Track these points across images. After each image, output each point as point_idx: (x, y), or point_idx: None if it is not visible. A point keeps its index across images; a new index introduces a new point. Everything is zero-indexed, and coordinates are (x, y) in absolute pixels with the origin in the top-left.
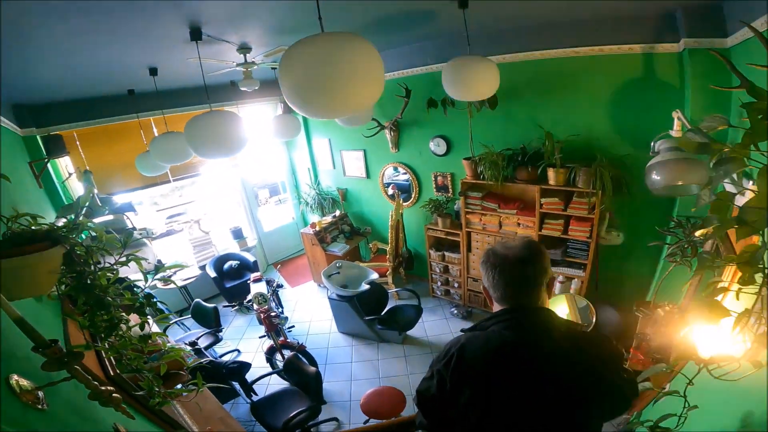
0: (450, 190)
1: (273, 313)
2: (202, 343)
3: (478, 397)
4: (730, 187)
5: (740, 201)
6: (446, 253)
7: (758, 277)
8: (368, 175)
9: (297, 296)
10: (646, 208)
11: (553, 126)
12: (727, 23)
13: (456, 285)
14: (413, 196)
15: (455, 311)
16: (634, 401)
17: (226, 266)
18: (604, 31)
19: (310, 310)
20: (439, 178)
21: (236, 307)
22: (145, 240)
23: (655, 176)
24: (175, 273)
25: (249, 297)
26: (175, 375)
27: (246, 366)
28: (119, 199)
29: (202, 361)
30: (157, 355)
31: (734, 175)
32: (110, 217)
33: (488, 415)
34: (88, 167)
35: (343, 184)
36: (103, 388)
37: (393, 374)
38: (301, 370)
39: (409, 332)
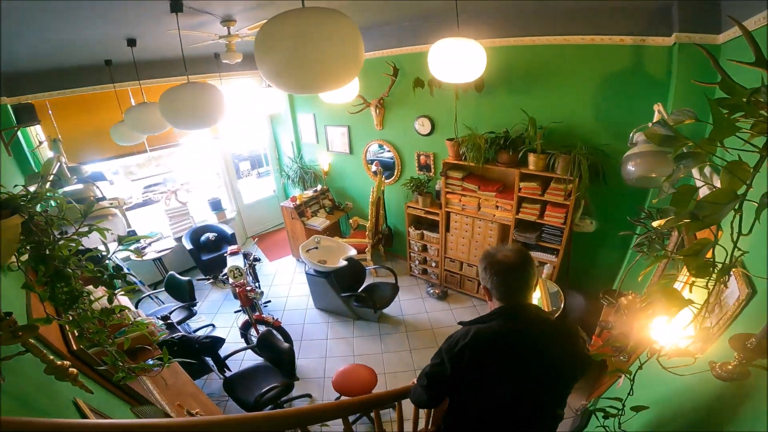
0: (432, 169)
1: (249, 288)
2: (176, 317)
3: (490, 375)
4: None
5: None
6: (425, 232)
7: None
8: (351, 151)
9: (275, 270)
10: (620, 198)
11: (537, 112)
12: (722, 20)
13: (433, 264)
14: (395, 173)
15: (431, 291)
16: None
17: (203, 238)
18: (597, 21)
19: (288, 285)
20: (422, 157)
21: (211, 281)
22: (116, 210)
23: (630, 167)
24: (149, 245)
25: (225, 270)
26: (143, 350)
27: (219, 341)
28: (93, 168)
29: (173, 335)
30: (126, 330)
31: (705, 171)
32: (80, 186)
33: (500, 388)
34: (59, 136)
35: (326, 158)
36: (59, 362)
37: (367, 352)
38: (274, 346)
39: (384, 310)
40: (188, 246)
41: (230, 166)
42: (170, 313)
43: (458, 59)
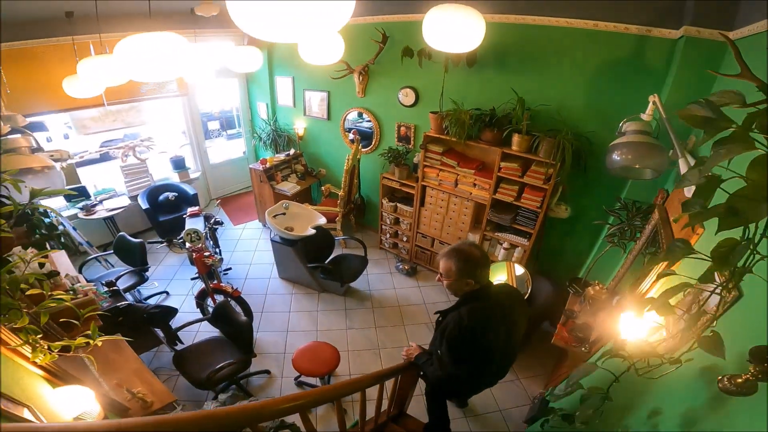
0: (411, 142)
1: (207, 253)
2: (125, 283)
3: (489, 340)
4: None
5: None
6: (399, 205)
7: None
8: (329, 117)
9: (239, 235)
10: (597, 186)
11: (526, 93)
12: (738, 17)
13: (405, 239)
14: (373, 143)
15: (401, 266)
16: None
17: (161, 197)
18: (604, 7)
19: (251, 252)
20: (402, 128)
21: (164, 244)
22: (53, 163)
23: (615, 156)
24: (99, 202)
25: (182, 234)
26: (86, 320)
27: (171, 311)
28: (41, 120)
29: (118, 304)
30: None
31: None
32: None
33: (497, 351)
34: (5, 84)
35: (302, 123)
36: None
37: (331, 327)
38: (231, 318)
39: (352, 284)
40: (144, 205)
41: (197, 124)
42: (117, 278)
43: (456, 28)
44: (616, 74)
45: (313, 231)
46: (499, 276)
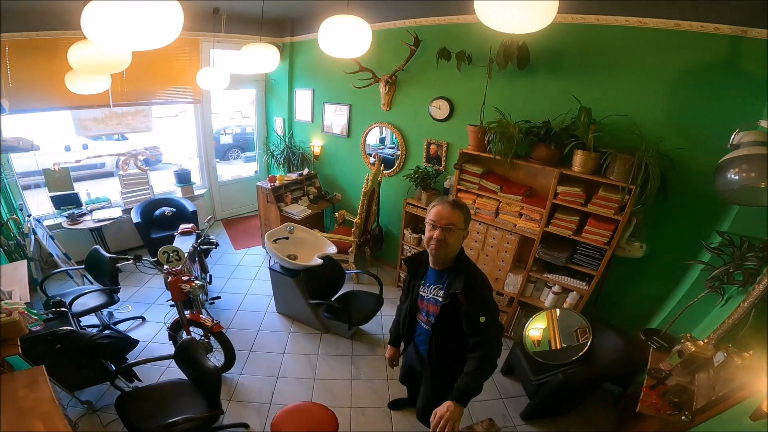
0: (443, 162)
1: (185, 277)
2: (89, 303)
3: None
4: None
5: None
6: (424, 237)
7: None
8: (349, 134)
9: (238, 261)
10: (681, 218)
11: (590, 102)
12: None
13: None
14: (397, 164)
15: None
16: None
17: (157, 212)
18: (686, 4)
19: (250, 280)
20: (432, 146)
21: (131, 261)
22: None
23: (731, 175)
24: (89, 212)
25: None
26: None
27: (128, 343)
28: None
29: (57, 329)
30: None
31: None
32: None
33: None
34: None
35: (319, 140)
36: None
37: (332, 376)
38: (195, 361)
39: (362, 326)
40: (135, 219)
41: (209, 136)
42: (75, 298)
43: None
44: (708, 81)
45: (321, 261)
46: (538, 324)
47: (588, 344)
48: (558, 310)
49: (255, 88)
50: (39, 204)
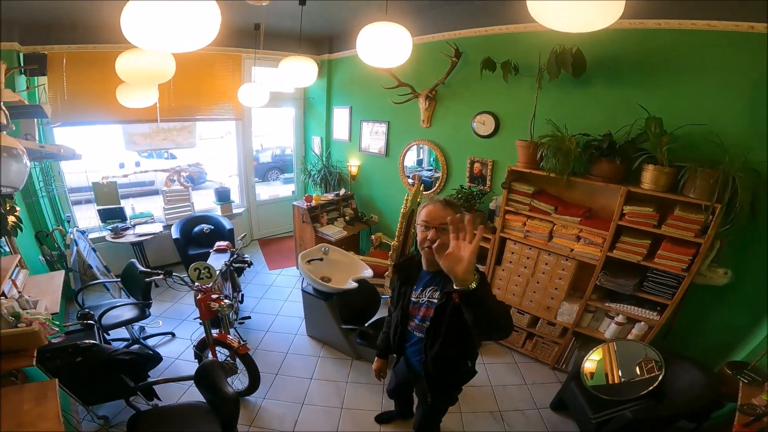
0: (488, 182)
1: (215, 295)
2: (120, 317)
3: None
4: None
5: None
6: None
7: None
8: (387, 153)
9: (271, 281)
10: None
11: (659, 112)
12: None
13: None
14: (438, 184)
15: None
16: None
17: (196, 229)
18: (758, 5)
19: (282, 301)
20: (476, 164)
21: (161, 276)
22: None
23: None
24: (132, 226)
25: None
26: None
27: (148, 359)
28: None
29: (80, 342)
30: None
31: None
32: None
33: None
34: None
35: (356, 160)
36: None
37: (361, 406)
38: (215, 385)
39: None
40: (174, 235)
41: (249, 155)
42: (108, 309)
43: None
44: None
45: (355, 285)
46: (596, 356)
47: (660, 378)
48: (617, 342)
49: (294, 106)
50: (87, 219)
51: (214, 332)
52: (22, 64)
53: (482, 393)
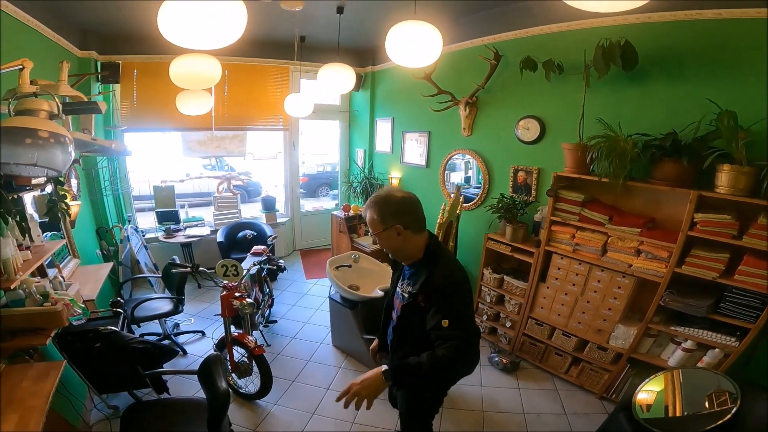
0: (533, 192)
1: (239, 294)
2: (160, 309)
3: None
4: None
5: None
6: (507, 278)
7: None
8: (428, 164)
9: (306, 290)
10: None
11: (730, 106)
12: None
13: (508, 324)
14: (480, 195)
15: (497, 358)
16: None
17: (240, 234)
18: None
19: (313, 310)
20: (520, 173)
21: (188, 270)
22: (65, 138)
23: None
24: (183, 229)
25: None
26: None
27: (164, 352)
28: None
29: (101, 327)
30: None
31: None
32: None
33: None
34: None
35: (398, 171)
36: None
37: (376, 424)
38: (213, 382)
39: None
40: (219, 239)
41: (295, 165)
42: (141, 302)
43: None
44: None
45: (381, 293)
46: (654, 386)
47: (734, 410)
48: (683, 370)
49: (339, 119)
50: (146, 223)
51: (237, 332)
52: (99, 71)
53: (511, 420)
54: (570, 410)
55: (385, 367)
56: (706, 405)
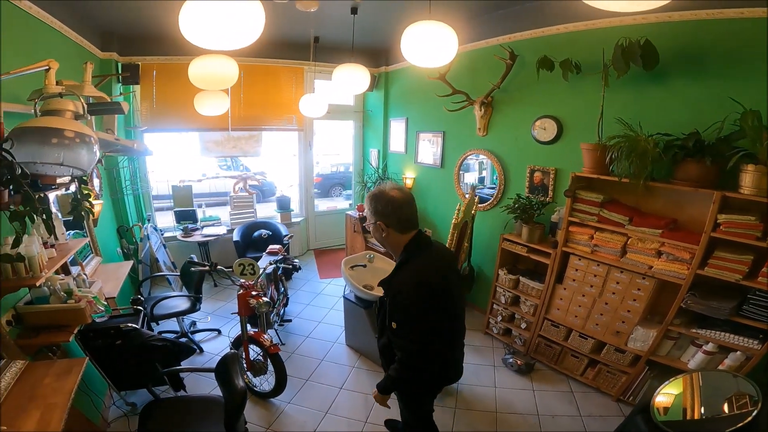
0: (550, 193)
1: (255, 292)
2: (178, 307)
3: (448, 298)
4: None
5: None
6: (522, 279)
7: None
8: (442, 164)
9: (320, 289)
10: None
11: (756, 106)
12: None
13: (523, 326)
14: (495, 195)
15: (511, 360)
16: None
17: (256, 234)
18: None
19: (326, 309)
20: (536, 173)
21: (207, 268)
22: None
23: None
24: (200, 228)
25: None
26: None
27: (181, 349)
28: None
29: (122, 324)
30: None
31: None
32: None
33: (453, 306)
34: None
35: (412, 172)
36: None
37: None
38: (230, 380)
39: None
40: (235, 238)
41: (309, 167)
42: (160, 299)
43: None
44: None
45: None
46: (673, 389)
47: (754, 413)
48: (702, 373)
49: (354, 120)
50: (165, 223)
51: (253, 330)
52: (119, 72)
53: (526, 422)
54: (585, 412)
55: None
56: (726, 408)
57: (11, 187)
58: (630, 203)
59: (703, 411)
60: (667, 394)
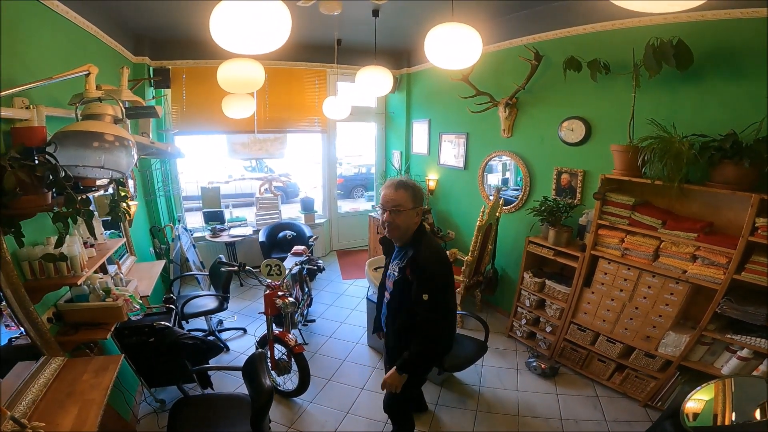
0: (578, 195)
1: (281, 293)
2: (205, 306)
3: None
4: None
5: None
6: (549, 282)
7: None
8: (466, 166)
9: (343, 290)
10: None
11: None
12: None
13: (548, 329)
14: (521, 197)
15: (534, 363)
16: None
17: (280, 235)
18: None
19: (349, 310)
20: (564, 175)
21: (236, 269)
22: (128, 141)
23: None
24: (227, 228)
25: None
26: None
27: (210, 347)
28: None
29: (155, 323)
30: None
31: None
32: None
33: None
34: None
35: (435, 173)
36: None
37: None
38: (256, 378)
39: (456, 373)
40: (261, 238)
41: (333, 167)
42: (191, 299)
43: None
44: None
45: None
46: (704, 395)
47: None
48: (735, 378)
49: (376, 122)
50: (194, 223)
51: (278, 330)
52: (152, 76)
53: (548, 426)
54: (610, 417)
55: (393, 369)
56: (758, 414)
57: (54, 189)
58: (663, 206)
59: (734, 417)
60: (697, 400)
